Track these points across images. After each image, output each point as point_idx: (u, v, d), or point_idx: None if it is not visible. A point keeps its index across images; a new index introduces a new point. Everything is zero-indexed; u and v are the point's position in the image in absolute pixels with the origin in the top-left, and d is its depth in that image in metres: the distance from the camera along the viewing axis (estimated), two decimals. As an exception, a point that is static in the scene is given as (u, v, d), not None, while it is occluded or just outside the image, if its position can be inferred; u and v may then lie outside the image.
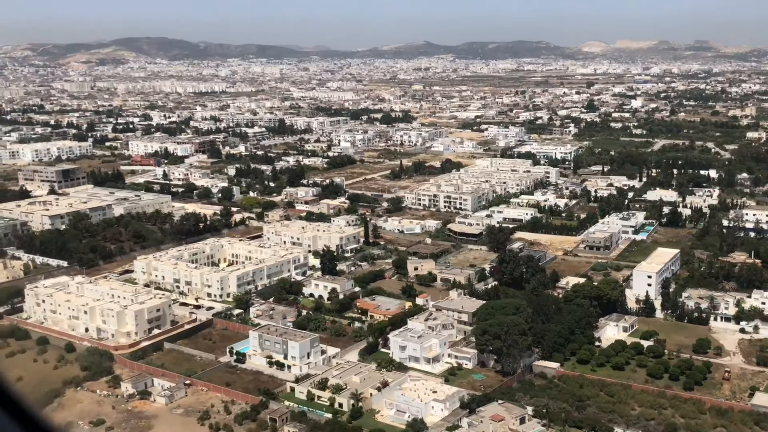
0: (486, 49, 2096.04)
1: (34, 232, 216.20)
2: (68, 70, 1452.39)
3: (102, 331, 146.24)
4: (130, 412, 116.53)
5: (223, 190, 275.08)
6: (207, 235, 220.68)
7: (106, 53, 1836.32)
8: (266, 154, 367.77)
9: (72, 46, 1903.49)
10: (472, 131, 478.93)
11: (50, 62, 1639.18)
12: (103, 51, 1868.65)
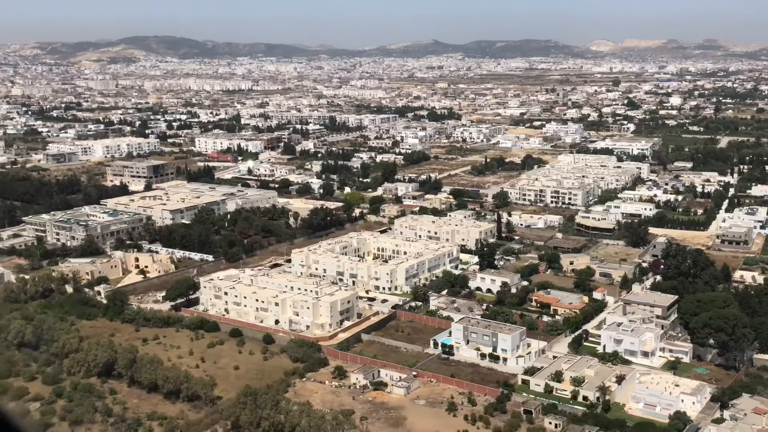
0: (494, 48, 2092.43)
1: (165, 227, 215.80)
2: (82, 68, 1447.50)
3: (294, 323, 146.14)
4: (372, 402, 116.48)
5: (325, 186, 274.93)
6: (332, 230, 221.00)
7: (117, 51, 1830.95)
8: (341, 151, 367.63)
9: (80, 44, 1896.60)
10: (525, 128, 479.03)
11: (61, 60, 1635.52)
12: (113, 49, 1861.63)
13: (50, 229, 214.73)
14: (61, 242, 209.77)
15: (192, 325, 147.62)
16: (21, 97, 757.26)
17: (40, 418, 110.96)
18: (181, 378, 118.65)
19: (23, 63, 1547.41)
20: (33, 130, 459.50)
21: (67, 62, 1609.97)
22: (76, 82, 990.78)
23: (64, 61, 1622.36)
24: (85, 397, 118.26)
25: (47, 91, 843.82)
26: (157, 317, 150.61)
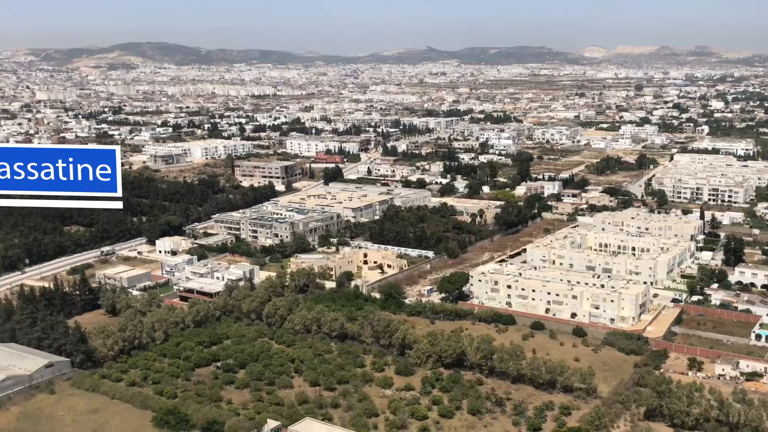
0: (487, 54, 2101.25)
1: (359, 223, 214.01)
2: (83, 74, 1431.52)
3: (593, 316, 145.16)
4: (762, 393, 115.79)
5: (473, 185, 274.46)
6: (519, 227, 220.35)
7: (114, 58, 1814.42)
8: (446, 152, 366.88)
9: (74, 51, 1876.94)
10: (595, 129, 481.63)
11: (59, 67, 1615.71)
12: (110, 56, 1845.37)
13: (245, 226, 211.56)
14: (259, 240, 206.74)
15: (486, 318, 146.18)
16: (49, 101, 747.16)
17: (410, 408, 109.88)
18: (559, 368, 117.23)
19: (21, 69, 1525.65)
20: (104, 134, 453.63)
21: (65, 68, 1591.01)
22: (94, 87, 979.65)
23: (61, 68, 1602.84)
24: (461, 388, 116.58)
25: (71, 96, 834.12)
26: (447, 310, 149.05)
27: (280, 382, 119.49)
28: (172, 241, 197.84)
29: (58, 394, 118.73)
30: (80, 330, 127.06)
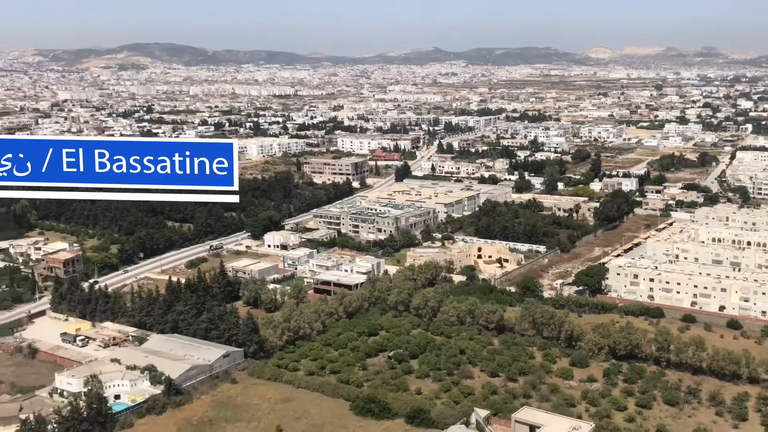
0: (494, 55, 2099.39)
1: (455, 219, 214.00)
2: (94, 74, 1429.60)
3: (743, 309, 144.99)
4: None
5: (549, 181, 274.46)
6: (617, 223, 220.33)
7: (122, 58, 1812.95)
8: (506, 149, 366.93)
9: (81, 51, 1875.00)
10: (637, 128, 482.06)
11: (68, 67, 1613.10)
12: (118, 56, 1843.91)
13: (345, 221, 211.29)
14: (360, 234, 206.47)
15: (633, 311, 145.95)
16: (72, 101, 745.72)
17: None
18: (744, 359, 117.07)
19: (31, 69, 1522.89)
20: (148, 132, 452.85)
21: (75, 68, 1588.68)
22: (113, 87, 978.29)
23: (71, 68, 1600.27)
24: (648, 379, 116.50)
25: (92, 96, 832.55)
26: (592, 303, 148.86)
27: (460, 373, 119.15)
28: (281, 236, 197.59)
29: (240, 384, 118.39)
30: (253, 320, 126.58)
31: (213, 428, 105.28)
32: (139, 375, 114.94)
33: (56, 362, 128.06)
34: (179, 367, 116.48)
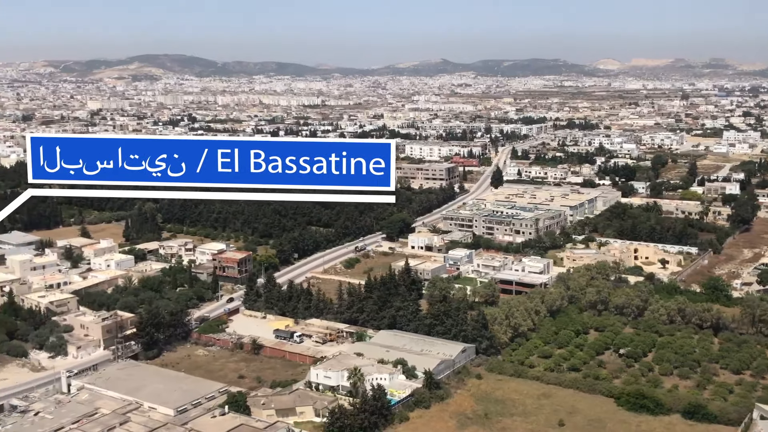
0: (502, 67, 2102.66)
1: (585, 219, 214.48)
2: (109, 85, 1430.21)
3: None
4: None
5: (654, 185, 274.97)
6: (748, 225, 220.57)
7: (135, 69, 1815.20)
8: (584, 155, 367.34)
9: (92, 62, 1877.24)
10: (692, 135, 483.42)
11: (81, 77, 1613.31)
12: (130, 67, 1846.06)
13: (478, 223, 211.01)
14: (495, 236, 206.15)
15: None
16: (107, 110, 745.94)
17: None
18: None
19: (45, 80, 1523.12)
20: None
21: (88, 79, 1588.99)
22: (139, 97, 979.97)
23: (84, 78, 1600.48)
24: None
25: (124, 105, 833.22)
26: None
27: (704, 370, 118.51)
28: (426, 237, 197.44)
29: (485, 379, 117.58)
30: (484, 316, 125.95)
31: (490, 422, 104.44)
32: (392, 369, 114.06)
33: (284, 357, 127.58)
34: (430, 361, 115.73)
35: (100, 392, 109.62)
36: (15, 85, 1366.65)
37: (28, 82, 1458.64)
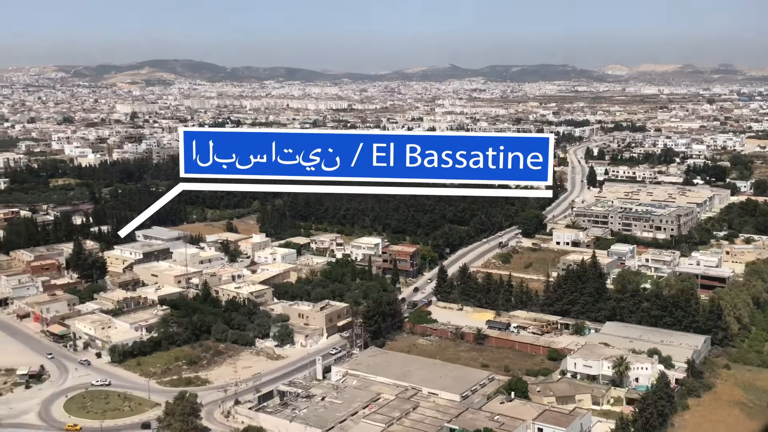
0: (510, 72, 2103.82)
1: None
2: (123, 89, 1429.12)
3: None
4: None
5: (758, 184, 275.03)
6: None
7: (146, 74, 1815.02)
8: (664, 154, 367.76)
9: (102, 67, 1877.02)
10: (747, 138, 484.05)
11: (93, 82, 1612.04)
12: (141, 72, 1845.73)
13: (614, 219, 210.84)
14: (633, 232, 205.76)
15: None
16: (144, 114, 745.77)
17: None
18: None
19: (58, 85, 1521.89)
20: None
21: (101, 84, 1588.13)
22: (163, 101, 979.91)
23: (97, 83, 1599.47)
24: None
25: (152, 108, 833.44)
26: None
27: None
28: (572, 233, 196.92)
29: (733, 369, 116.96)
30: (719, 307, 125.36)
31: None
32: (647, 358, 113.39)
33: (513, 348, 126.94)
34: (681, 351, 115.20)
35: (368, 378, 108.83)
36: (30, 89, 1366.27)
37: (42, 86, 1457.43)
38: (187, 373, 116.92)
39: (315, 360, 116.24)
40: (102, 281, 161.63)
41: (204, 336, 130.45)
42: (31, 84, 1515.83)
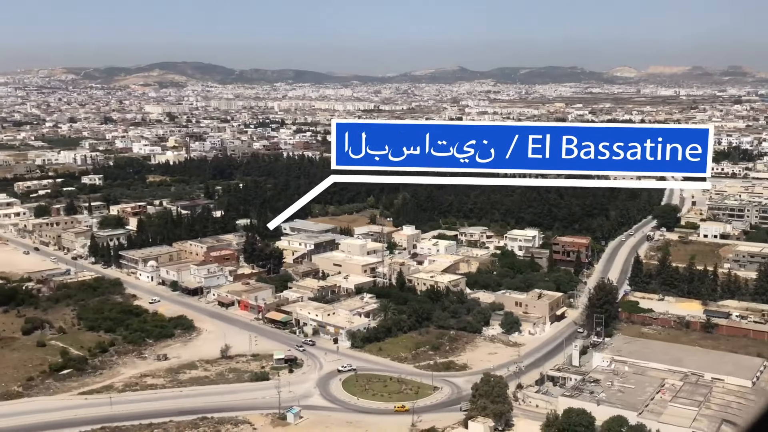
0: (518, 74, 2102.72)
1: None
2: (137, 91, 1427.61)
3: None
4: None
5: None
6: None
7: (157, 76, 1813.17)
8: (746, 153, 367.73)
9: (112, 69, 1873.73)
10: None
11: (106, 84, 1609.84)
12: (151, 74, 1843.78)
13: (750, 213, 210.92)
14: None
15: None
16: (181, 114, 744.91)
17: None
18: None
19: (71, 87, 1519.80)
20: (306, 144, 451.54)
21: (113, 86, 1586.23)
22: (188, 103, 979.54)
23: (108, 85, 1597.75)
24: None
25: (182, 109, 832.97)
26: None
27: None
28: (720, 226, 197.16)
29: None
30: None
31: None
32: None
33: (747, 336, 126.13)
34: None
35: (638, 364, 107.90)
36: (44, 91, 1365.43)
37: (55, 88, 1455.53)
38: (436, 358, 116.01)
39: (563, 346, 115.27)
40: (284, 271, 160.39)
41: (425, 323, 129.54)
42: (44, 86, 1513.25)
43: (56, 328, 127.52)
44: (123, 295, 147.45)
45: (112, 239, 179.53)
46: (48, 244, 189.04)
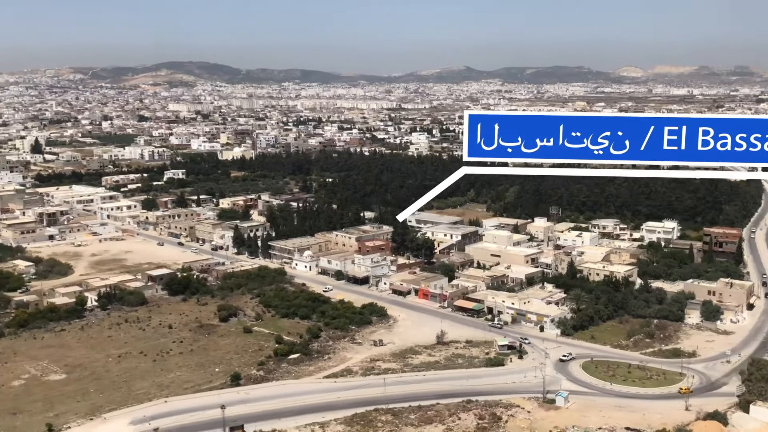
0: (525, 74, 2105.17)
1: None
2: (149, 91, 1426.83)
3: None
4: None
5: None
6: None
7: (165, 76, 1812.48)
8: None
9: (119, 69, 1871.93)
10: None
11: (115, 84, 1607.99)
12: (159, 74, 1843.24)
13: None
14: None
15: None
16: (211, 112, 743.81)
17: None
18: None
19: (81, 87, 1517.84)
20: (374, 138, 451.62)
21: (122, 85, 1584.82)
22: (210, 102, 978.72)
23: (118, 85, 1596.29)
24: None
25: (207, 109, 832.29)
26: None
27: None
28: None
29: None
30: None
31: None
32: None
33: None
34: None
35: None
36: (56, 90, 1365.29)
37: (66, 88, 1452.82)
38: (659, 346, 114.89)
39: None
40: (438, 261, 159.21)
41: (620, 312, 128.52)
42: (54, 86, 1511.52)
43: (251, 316, 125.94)
44: (292, 283, 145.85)
45: (252, 230, 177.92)
46: (179, 236, 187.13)
